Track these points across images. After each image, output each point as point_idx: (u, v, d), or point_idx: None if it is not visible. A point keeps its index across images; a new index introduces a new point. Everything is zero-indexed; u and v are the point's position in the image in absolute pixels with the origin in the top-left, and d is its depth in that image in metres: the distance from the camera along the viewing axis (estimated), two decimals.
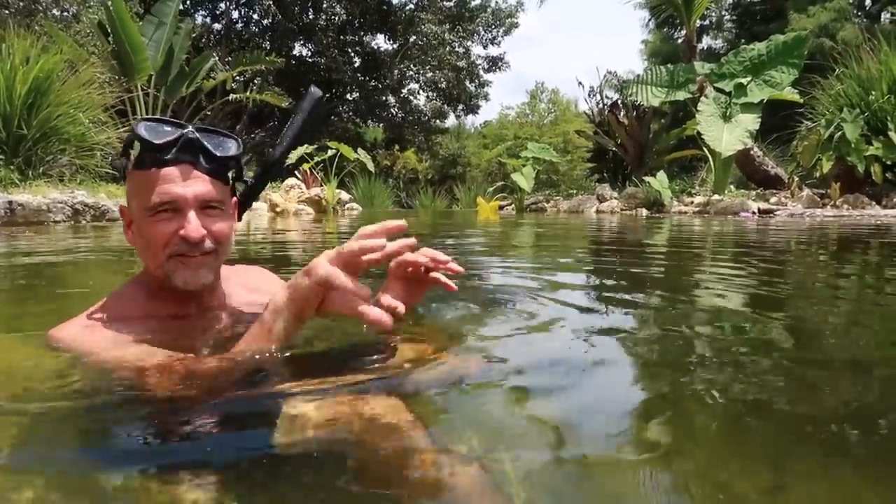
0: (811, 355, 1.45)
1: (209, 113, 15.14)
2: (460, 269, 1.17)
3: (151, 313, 1.24)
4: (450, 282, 1.21)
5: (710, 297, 2.27)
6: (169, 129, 1.16)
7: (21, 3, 14.09)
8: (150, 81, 12.34)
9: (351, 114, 24.74)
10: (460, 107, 27.05)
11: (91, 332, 1.18)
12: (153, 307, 1.25)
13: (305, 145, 13.52)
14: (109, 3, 11.57)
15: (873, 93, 10.26)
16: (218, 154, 1.18)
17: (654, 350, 1.41)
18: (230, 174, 1.25)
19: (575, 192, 17.44)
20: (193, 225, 1.14)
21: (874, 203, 9.83)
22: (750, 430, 0.97)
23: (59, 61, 8.31)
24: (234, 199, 1.30)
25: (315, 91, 1.41)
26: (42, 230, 5.85)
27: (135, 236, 1.22)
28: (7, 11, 12.98)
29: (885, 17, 19.82)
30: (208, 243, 1.17)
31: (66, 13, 15.24)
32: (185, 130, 1.16)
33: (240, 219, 1.34)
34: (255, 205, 11.17)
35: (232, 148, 1.21)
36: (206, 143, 1.17)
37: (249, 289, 1.41)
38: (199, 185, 1.16)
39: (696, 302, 2.18)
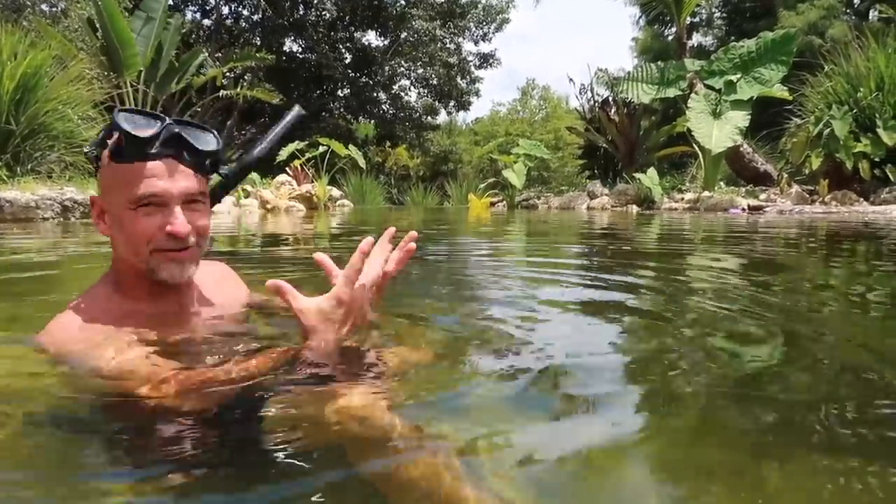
0: (796, 349, 1.47)
1: (199, 109, 15.03)
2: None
3: (130, 311, 1.19)
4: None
5: (699, 289, 2.29)
6: (149, 121, 1.14)
7: None
8: (140, 77, 12.25)
9: (342, 110, 24.62)
10: (451, 103, 26.98)
11: (76, 333, 1.12)
12: (131, 305, 1.20)
13: (296, 141, 13.46)
14: None
15: (861, 90, 10.33)
16: (201, 148, 1.17)
17: (643, 342, 1.43)
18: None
19: (566, 188, 17.48)
20: (181, 220, 1.13)
21: (862, 199, 9.91)
22: (730, 417, 0.99)
23: (47, 57, 8.22)
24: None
25: (299, 110, 1.49)
26: (30, 227, 5.81)
27: (109, 228, 1.18)
28: None
29: (873, 14, 19.92)
30: (192, 238, 1.16)
31: (54, 8, 15.09)
32: (167, 123, 1.14)
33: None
34: (245, 201, 11.13)
35: (212, 142, 1.20)
36: (188, 137, 1.15)
37: (215, 282, 1.39)
38: (183, 180, 1.14)
39: (683, 295, 2.19)
